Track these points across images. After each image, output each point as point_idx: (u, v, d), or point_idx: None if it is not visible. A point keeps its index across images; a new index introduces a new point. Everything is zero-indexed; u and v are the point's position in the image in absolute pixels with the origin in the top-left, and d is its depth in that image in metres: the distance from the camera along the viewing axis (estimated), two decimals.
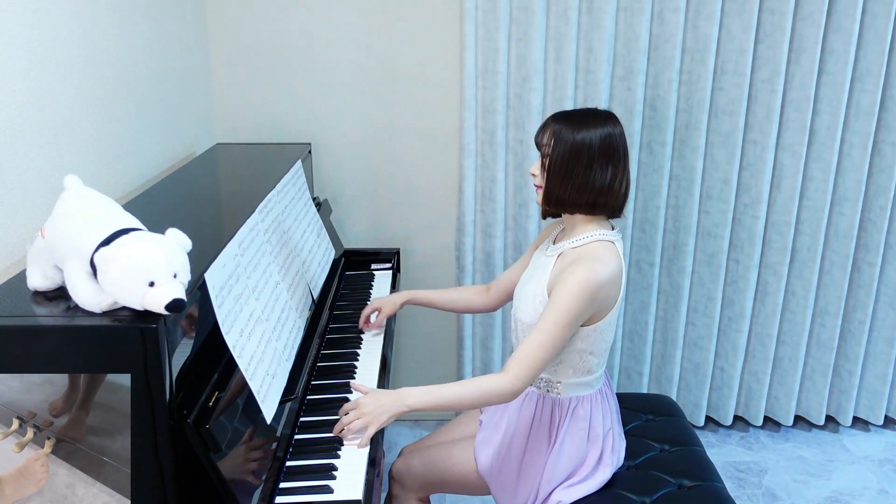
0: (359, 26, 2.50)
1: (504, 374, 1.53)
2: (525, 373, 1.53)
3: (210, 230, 1.57)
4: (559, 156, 1.60)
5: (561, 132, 1.60)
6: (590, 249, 1.61)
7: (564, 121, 1.62)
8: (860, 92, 2.49)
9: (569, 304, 1.53)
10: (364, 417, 1.52)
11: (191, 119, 2.36)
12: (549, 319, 1.53)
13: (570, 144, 1.59)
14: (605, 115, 1.64)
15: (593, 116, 1.62)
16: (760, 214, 2.59)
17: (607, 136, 1.60)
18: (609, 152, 1.60)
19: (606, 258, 1.59)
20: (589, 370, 1.68)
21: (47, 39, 1.54)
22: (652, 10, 2.42)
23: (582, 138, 1.59)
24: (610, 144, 1.60)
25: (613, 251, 1.62)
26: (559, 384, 1.68)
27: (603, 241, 1.62)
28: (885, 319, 2.75)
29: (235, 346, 1.31)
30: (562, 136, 1.60)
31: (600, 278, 1.55)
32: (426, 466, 1.81)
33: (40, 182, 1.51)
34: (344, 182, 2.66)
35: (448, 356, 2.84)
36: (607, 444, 1.72)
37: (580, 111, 1.65)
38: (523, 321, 1.68)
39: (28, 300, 1.21)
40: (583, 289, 1.53)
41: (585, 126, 1.60)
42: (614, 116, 1.65)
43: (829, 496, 2.52)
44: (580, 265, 1.56)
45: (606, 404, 1.74)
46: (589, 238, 1.63)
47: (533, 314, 1.65)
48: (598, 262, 1.56)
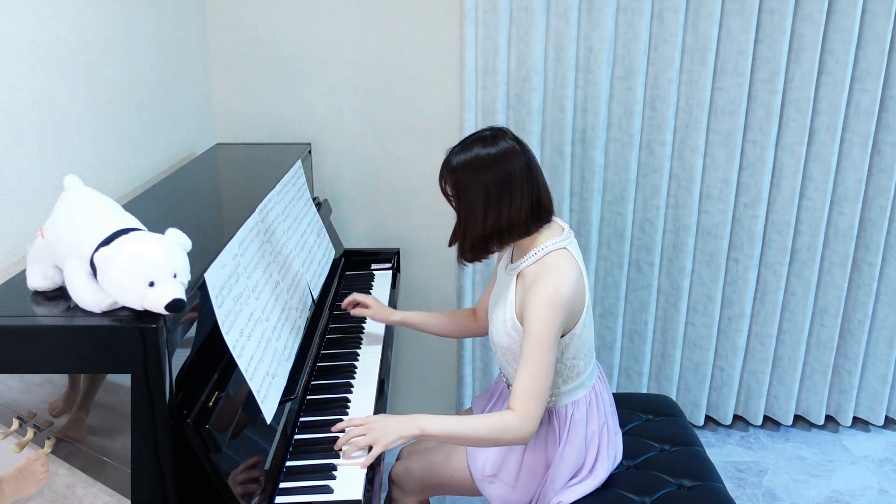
0: (359, 26, 2.50)
1: (513, 414, 1.51)
2: (533, 409, 1.51)
3: (210, 230, 1.57)
4: (464, 205, 1.58)
5: (457, 181, 1.57)
6: (545, 264, 1.58)
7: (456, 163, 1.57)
8: (860, 92, 2.49)
9: (544, 327, 1.51)
10: (372, 434, 1.48)
11: (191, 119, 2.36)
12: (532, 349, 1.52)
13: (470, 191, 1.56)
14: (493, 137, 1.58)
15: (479, 142, 1.57)
16: (760, 214, 2.59)
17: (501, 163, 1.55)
18: (505, 180, 1.55)
19: (563, 268, 1.56)
20: (577, 373, 1.68)
21: (47, 39, 1.54)
22: (652, 10, 2.42)
23: (471, 172, 1.55)
24: (505, 171, 1.55)
25: (568, 257, 1.59)
26: (553, 395, 1.68)
27: (556, 251, 1.60)
28: (885, 319, 2.75)
29: (235, 346, 1.31)
30: (459, 185, 1.57)
31: (564, 293, 1.53)
32: (425, 469, 1.81)
33: (40, 182, 1.51)
34: (344, 182, 2.66)
35: (448, 356, 2.84)
36: (603, 440, 1.72)
37: (464, 145, 1.59)
38: (500, 345, 1.68)
39: (28, 300, 1.21)
40: (552, 308, 1.52)
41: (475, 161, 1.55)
42: (503, 132, 1.60)
43: (829, 496, 2.52)
44: (542, 284, 1.53)
45: (600, 400, 1.74)
46: (542, 251, 1.60)
47: (506, 338, 1.64)
48: (557, 277, 1.54)
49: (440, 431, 1.52)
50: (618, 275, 2.68)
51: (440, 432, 1.52)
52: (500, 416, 1.53)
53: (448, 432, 1.53)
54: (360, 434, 1.49)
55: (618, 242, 2.65)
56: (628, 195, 2.58)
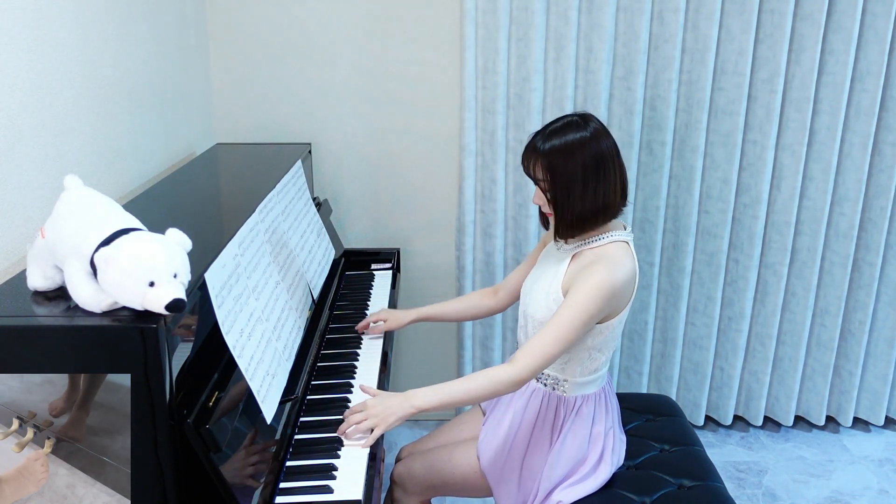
0: (359, 26, 2.50)
1: (511, 365, 1.54)
2: (533, 363, 1.53)
3: (210, 230, 1.57)
4: (561, 187, 1.59)
5: (551, 164, 1.58)
6: (606, 250, 1.62)
7: (549, 147, 1.58)
8: (860, 92, 2.49)
9: (586, 303, 1.53)
10: (372, 419, 1.52)
11: (191, 119, 2.36)
12: (564, 317, 1.54)
13: (566, 173, 1.57)
14: (582, 120, 1.61)
15: (571, 127, 1.59)
16: (760, 214, 2.59)
17: (593, 144, 1.58)
18: (600, 159, 1.58)
19: (623, 259, 1.60)
20: (596, 368, 1.68)
21: (47, 39, 1.54)
22: (652, 10, 2.42)
23: (567, 155, 1.56)
24: (598, 151, 1.58)
25: (628, 252, 1.63)
26: (566, 382, 1.68)
27: (618, 242, 1.64)
28: (885, 319, 2.75)
29: (235, 346, 1.31)
30: (554, 167, 1.58)
31: (618, 280, 1.56)
32: (427, 470, 1.81)
33: (40, 182, 1.51)
34: (344, 182, 2.66)
35: (448, 356, 2.84)
36: (608, 444, 1.72)
37: (554, 129, 1.60)
38: (535, 318, 1.68)
39: (28, 300, 1.21)
40: (602, 290, 1.54)
41: (563, 143, 1.57)
42: (589, 116, 1.63)
43: (829, 496, 2.52)
44: (598, 266, 1.56)
45: (609, 403, 1.75)
46: (605, 239, 1.64)
47: (546, 311, 1.65)
48: (615, 264, 1.58)
49: (435, 403, 1.54)
50: None
51: (435, 404, 1.54)
52: (492, 371, 1.54)
53: (443, 402, 1.54)
54: (361, 419, 1.52)
55: None
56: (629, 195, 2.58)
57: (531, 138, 1.64)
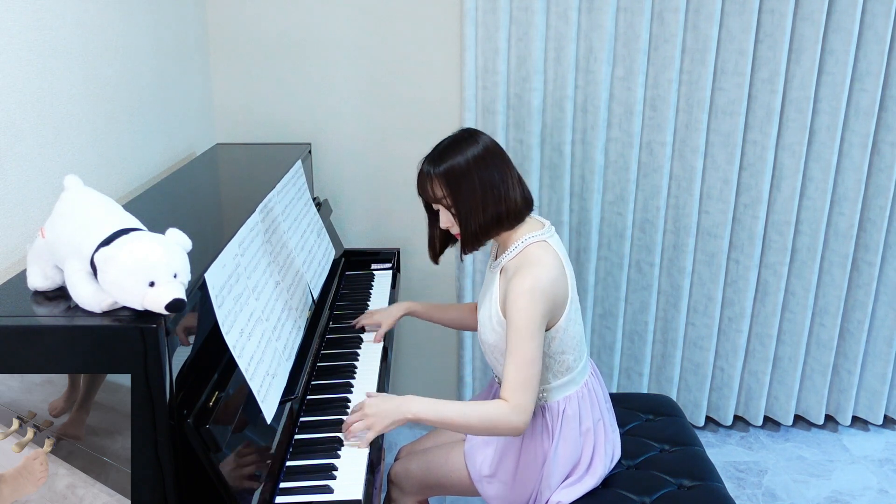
0: (359, 26, 2.50)
1: (505, 405, 1.52)
2: (524, 399, 1.52)
3: (210, 230, 1.57)
4: (462, 200, 1.61)
5: (448, 179, 1.61)
6: (526, 256, 1.62)
7: (440, 167, 1.62)
8: (860, 92, 2.49)
9: (526, 315, 1.53)
10: (366, 420, 1.52)
11: (191, 119, 2.36)
12: (516, 340, 1.54)
13: (464, 186, 1.61)
14: (468, 134, 1.66)
15: (457, 143, 1.64)
16: (760, 214, 2.59)
17: (479, 152, 1.62)
18: (493, 168, 1.62)
19: (544, 259, 1.60)
20: (568, 368, 1.68)
21: (47, 39, 1.54)
22: (652, 10, 2.42)
23: (463, 168, 1.60)
24: (490, 160, 1.62)
25: (548, 249, 1.63)
26: (544, 391, 1.68)
27: (535, 243, 1.63)
28: (884, 319, 2.75)
29: (235, 346, 1.31)
30: (451, 182, 1.61)
31: (544, 282, 1.56)
32: (424, 470, 1.81)
33: (40, 182, 1.51)
34: (344, 182, 2.66)
35: (448, 356, 2.84)
36: (599, 436, 1.72)
37: (442, 148, 1.65)
38: (487, 342, 1.70)
39: (28, 300, 1.21)
40: (532, 297, 1.54)
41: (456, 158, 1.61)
42: (473, 131, 1.68)
43: (829, 496, 2.52)
44: (522, 276, 1.57)
45: (594, 396, 1.74)
46: (522, 244, 1.64)
47: (493, 335, 1.66)
48: (537, 267, 1.58)
49: (431, 417, 1.54)
50: (618, 275, 2.68)
51: (431, 418, 1.54)
52: (492, 406, 1.54)
53: (439, 418, 1.54)
54: (357, 419, 1.53)
55: (618, 243, 2.65)
56: (628, 195, 2.58)
57: (421, 165, 1.67)
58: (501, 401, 1.53)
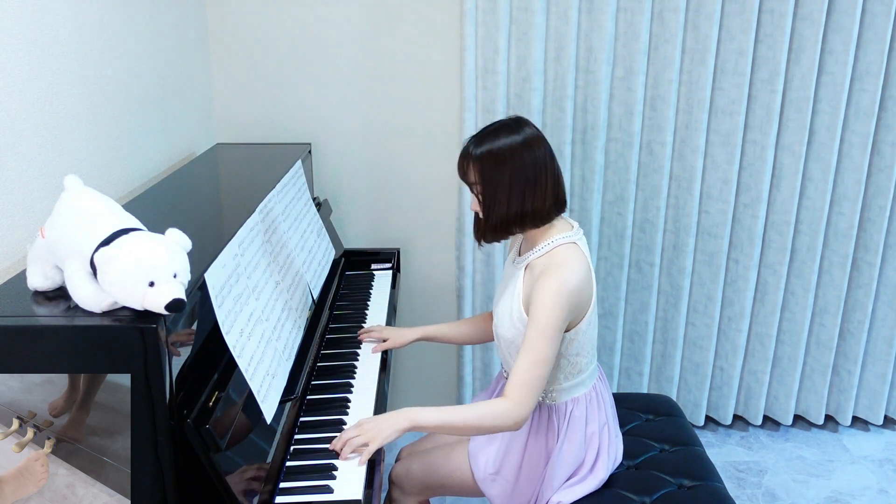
0: (359, 26, 2.50)
1: (507, 401, 1.52)
2: (527, 396, 1.52)
3: (210, 230, 1.57)
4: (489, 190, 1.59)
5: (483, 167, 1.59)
6: (554, 256, 1.60)
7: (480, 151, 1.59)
8: (860, 92, 2.49)
9: (549, 317, 1.53)
10: (365, 434, 1.49)
11: (191, 119, 2.36)
12: (534, 338, 1.53)
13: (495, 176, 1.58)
14: (516, 125, 1.62)
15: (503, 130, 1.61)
16: (760, 214, 2.59)
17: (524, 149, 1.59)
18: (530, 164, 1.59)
19: (573, 262, 1.58)
20: (579, 370, 1.68)
21: (47, 39, 1.54)
22: (652, 10, 2.42)
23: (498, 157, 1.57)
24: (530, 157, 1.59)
25: (577, 252, 1.61)
26: (553, 391, 1.68)
27: (565, 245, 1.62)
28: (884, 319, 2.75)
29: (235, 346, 1.31)
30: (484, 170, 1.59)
31: (572, 285, 1.55)
32: (425, 470, 1.81)
33: (40, 182, 1.51)
34: (344, 182, 2.66)
35: (448, 356, 2.84)
36: (604, 440, 1.72)
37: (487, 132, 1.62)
38: (504, 337, 1.69)
39: (28, 300, 1.21)
40: (558, 298, 1.53)
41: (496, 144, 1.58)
42: (521, 120, 1.64)
43: (829, 496, 2.52)
44: (550, 276, 1.55)
45: (601, 400, 1.74)
46: (551, 245, 1.63)
47: (512, 330, 1.65)
48: (565, 269, 1.56)
49: (431, 422, 1.53)
50: (618, 275, 2.68)
51: (432, 423, 1.53)
52: (492, 405, 1.53)
53: (439, 422, 1.54)
54: (355, 434, 1.50)
55: (618, 243, 2.65)
56: (628, 195, 2.59)
57: (468, 142, 1.65)
58: (503, 399, 1.53)
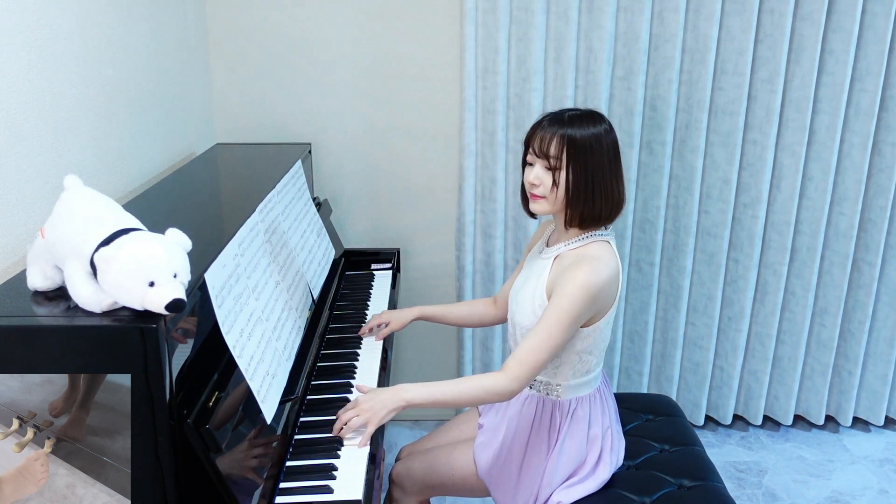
0: (359, 26, 2.50)
1: (503, 374, 1.53)
2: (524, 373, 1.53)
3: (210, 230, 1.57)
4: (587, 176, 1.56)
5: (577, 149, 1.55)
6: (587, 250, 1.60)
7: (578, 131, 1.56)
8: (860, 92, 2.49)
9: (570, 305, 1.52)
10: (363, 415, 1.52)
11: (191, 119, 2.36)
12: (550, 321, 1.53)
13: (594, 162, 1.56)
14: (598, 115, 1.63)
15: (594, 119, 1.60)
16: (760, 214, 2.59)
17: (611, 138, 1.60)
18: (618, 155, 1.61)
19: (606, 258, 1.58)
20: (588, 370, 1.68)
21: (47, 39, 1.54)
22: (652, 10, 2.42)
23: (601, 153, 1.56)
24: (615, 147, 1.61)
25: (610, 250, 1.62)
26: (559, 387, 1.68)
27: (600, 241, 1.62)
28: (885, 319, 2.75)
29: (235, 346, 1.31)
30: (580, 152, 1.55)
31: (601, 279, 1.54)
32: (426, 470, 1.81)
33: (40, 182, 1.51)
34: (344, 182, 2.66)
35: (448, 356, 2.84)
36: (606, 443, 1.72)
37: (579, 115, 1.60)
38: (522, 325, 1.68)
39: (28, 300, 1.21)
40: (585, 290, 1.52)
41: (598, 133, 1.57)
42: (601, 114, 1.65)
43: (829, 496, 2.52)
44: (580, 267, 1.55)
45: (605, 403, 1.74)
46: (586, 239, 1.63)
47: (532, 317, 1.64)
48: (598, 263, 1.56)
49: (426, 399, 1.54)
50: None
51: (426, 400, 1.54)
52: (486, 379, 1.54)
53: (433, 399, 1.54)
54: (353, 415, 1.52)
55: (618, 243, 2.65)
56: (628, 195, 2.59)
57: (548, 115, 1.61)
58: (498, 373, 1.54)
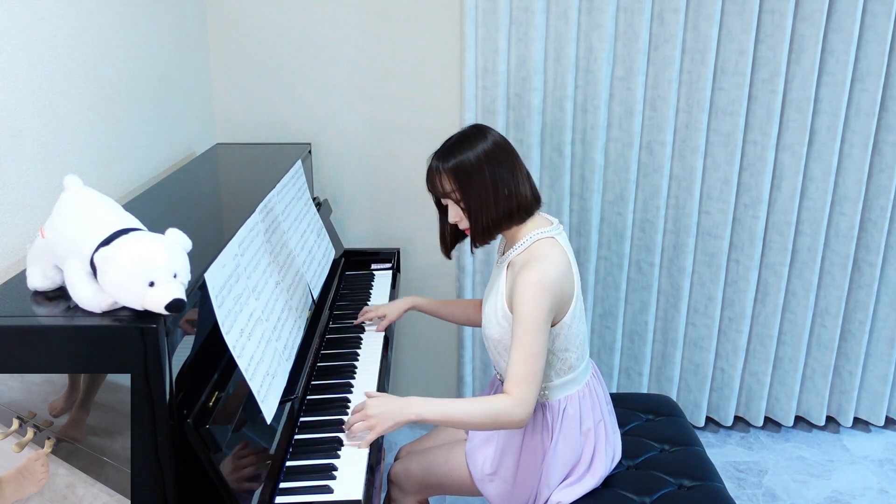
0: (359, 26, 2.50)
1: (509, 398, 1.53)
2: (527, 392, 1.53)
3: (210, 230, 1.57)
4: (473, 194, 1.62)
5: (458, 174, 1.62)
6: (533, 252, 1.63)
7: (450, 162, 1.63)
8: (860, 92, 2.49)
9: (532, 309, 1.54)
10: (369, 420, 1.52)
11: (191, 119, 2.36)
12: (521, 332, 1.55)
13: (475, 179, 1.62)
14: (477, 130, 1.67)
15: (467, 139, 1.65)
16: (761, 215, 2.59)
17: (488, 147, 1.63)
18: (503, 162, 1.64)
19: (551, 255, 1.61)
20: (570, 367, 1.68)
21: (47, 39, 1.54)
22: (652, 10, 2.42)
23: (473, 163, 1.62)
24: (500, 154, 1.64)
25: (555, 245, 1.64)
26: (546, 389, 1.68)
27: (543, 239, 1.65)
28: (885, 320, 2.75)
29: (235, 346, 1.31)
30: (461, 176, 1.62)
31: (551, 277, 1.57)
32: (424, 470, 1.81)
33: (40, 182, 1.51)
34: (344, 182, 2.66)
35: (448, 356, 2.84)
36: (600, 435, 1.72)
37: (452, 144, 1.66)
38: (491, 338, 1.70)
39: (28, 300, 1.21)
40: (539, 289, 1.55)
41: (466, 153, 1.62)
42: (482, 126, 1.69)
43: (829, 496, 2.52)
44: (530, 269, 1.58)
45: (594, 396, 1.74)
46: (529, 241, 1.65)
47: (498, 329, 1.66)
48: (544, 262, 1.59)
49: (435, 416, 1.54)
50: (618, 275, 2.68)
51: (435, 417, 1.54)
52: (495, 400, 1.54)
53: (443, 417, 1.55)
54: (359, 419, 1.53)
55: (618, 243, 2.65)
56: (628, 195, 2.58)
57: (430, 161, 1.68)
58: (504, 395, 1.54)
